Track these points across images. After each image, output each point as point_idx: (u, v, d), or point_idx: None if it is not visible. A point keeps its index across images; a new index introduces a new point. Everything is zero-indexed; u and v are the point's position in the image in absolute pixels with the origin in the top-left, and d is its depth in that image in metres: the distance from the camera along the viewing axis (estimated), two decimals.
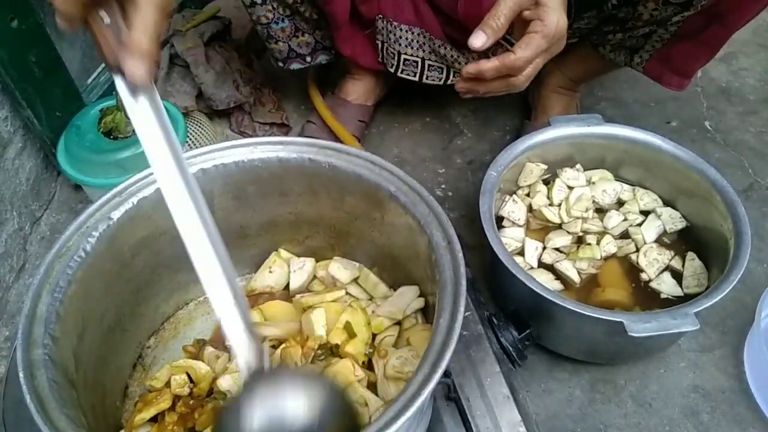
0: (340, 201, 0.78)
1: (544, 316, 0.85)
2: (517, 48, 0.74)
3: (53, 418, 0.54)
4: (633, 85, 1.39)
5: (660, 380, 0.93)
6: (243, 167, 0.75)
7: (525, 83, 0.78)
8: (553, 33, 0.73)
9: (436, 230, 0.67)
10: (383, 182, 0.72)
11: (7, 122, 1.04)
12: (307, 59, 1.18)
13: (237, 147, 0.76)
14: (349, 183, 0.74)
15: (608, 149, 1.03)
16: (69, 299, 0.64)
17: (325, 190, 0.78)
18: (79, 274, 0.66)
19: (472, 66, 0.76)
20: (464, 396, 0.73)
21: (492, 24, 0.73)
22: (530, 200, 1.02)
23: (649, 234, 0.97)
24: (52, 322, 0.61)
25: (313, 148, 0.75)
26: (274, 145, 0.75)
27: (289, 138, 0.76)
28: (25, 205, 1.09)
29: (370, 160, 0.73)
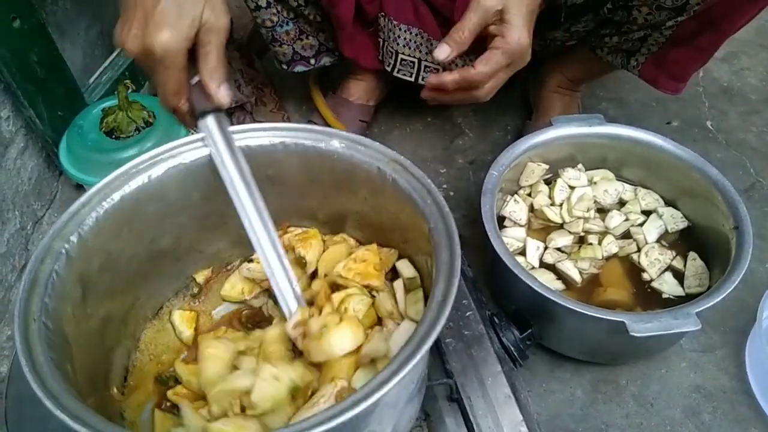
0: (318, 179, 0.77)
1: (546, 315, 0.85)
2: (478, 63, 0.75)
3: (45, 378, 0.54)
4: (635, 85, 1.38)
5: (661, 380, 0.93)
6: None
7: (487, 96, 0.80)
8: (513, 50, 0.74)
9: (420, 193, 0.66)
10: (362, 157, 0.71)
11: (9, 122, 1.04)
12: (311, 62, 1.18)
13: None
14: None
15: (610, 149, 1.03)
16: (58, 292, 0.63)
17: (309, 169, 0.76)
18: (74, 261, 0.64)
19: (434, 77, 0.79)
20: (466, 396, 0.73)
21: (455, 37, 0.75)
22: (532, 200, 1.02)
23: (650, 234, 0.97)
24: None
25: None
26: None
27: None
28: (27, 204, 1.09)
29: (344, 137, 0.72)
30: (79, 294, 0.64)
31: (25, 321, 0.57)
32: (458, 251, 0.57)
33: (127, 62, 1.28)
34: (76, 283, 0.64)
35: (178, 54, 0.61)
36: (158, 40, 0.59)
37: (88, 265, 0.65)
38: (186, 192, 0.71)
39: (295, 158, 0.72)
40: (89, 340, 0.67)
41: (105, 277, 0.68)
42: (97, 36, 1.34)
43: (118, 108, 1.00)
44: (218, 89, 0.64)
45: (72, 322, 0.63)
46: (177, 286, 0.82)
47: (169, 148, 0.69)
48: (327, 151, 0.70)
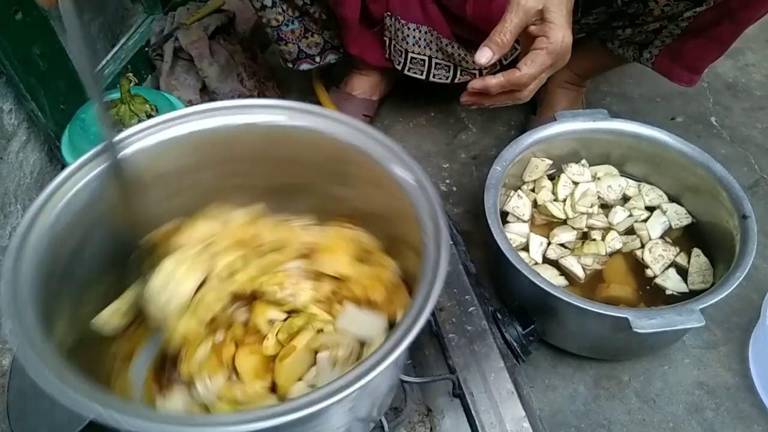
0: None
1: (549, 311, 0.85)
2: (522, 65, 0.74)
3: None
4: (639, 81, 1.38)
5: (664, 377, 0.92)
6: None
7: (528, 97, 0.79)
8: (558, 50, 0.73)
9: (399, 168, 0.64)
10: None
11: (12, 115, 1.04)
12: (316, 59, 1.18)
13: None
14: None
15: (614, 145, 1.02)
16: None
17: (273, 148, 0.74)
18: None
19: (477, 82, 0.77)
20: (468, 391, 0.73)
21: (497, 40, 0.73)
22: (535, 195, 1.02)
23: (654, 230, 0.97)
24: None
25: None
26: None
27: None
28: (29, 198, 1.09)
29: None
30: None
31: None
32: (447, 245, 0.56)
33: (129, 56, 1.27)
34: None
35: None
36: None
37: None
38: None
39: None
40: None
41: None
42: (98, 29, 1.33)
43: (121, 101, 0.99)
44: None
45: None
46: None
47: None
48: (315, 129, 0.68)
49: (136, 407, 0.48)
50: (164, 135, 0.68)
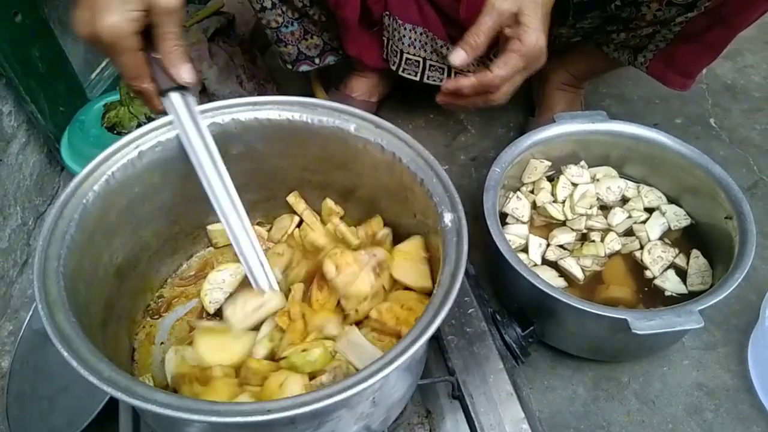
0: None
1: (548, 313, 0.85)
2: (494, 67, 0.74)
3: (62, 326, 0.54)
4: (637, 82, 1.38)
5: (663, 378, 0.92)
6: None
7: (503, 99, 0.79)
8: (530, 53, 0.73)
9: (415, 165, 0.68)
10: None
11: (11, 117, 1.04)
12: (315, 61, 1.18)
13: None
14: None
15: (613, 146, 1.02)
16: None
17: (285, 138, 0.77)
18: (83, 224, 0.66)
19: (450, 82, 0.77)
20: (468, 393, 0.73)
21: (471, 42, 0.74)
22: (534, 197, 1.02)
23: (653, 231, 0.97)
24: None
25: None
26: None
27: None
28: (29, 200, 1.09)
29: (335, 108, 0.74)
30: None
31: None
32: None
33: None
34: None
35: (126, 37, 0.60)
36: (104, 25, 0.58)
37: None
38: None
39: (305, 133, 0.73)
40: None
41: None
42: None
43: (120, 103, 0.99)
44: (178, 69, 0.63)
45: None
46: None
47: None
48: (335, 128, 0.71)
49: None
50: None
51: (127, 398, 0.48)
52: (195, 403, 0.48)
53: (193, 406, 0.47)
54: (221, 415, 0.47)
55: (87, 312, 0.61)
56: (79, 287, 0.61)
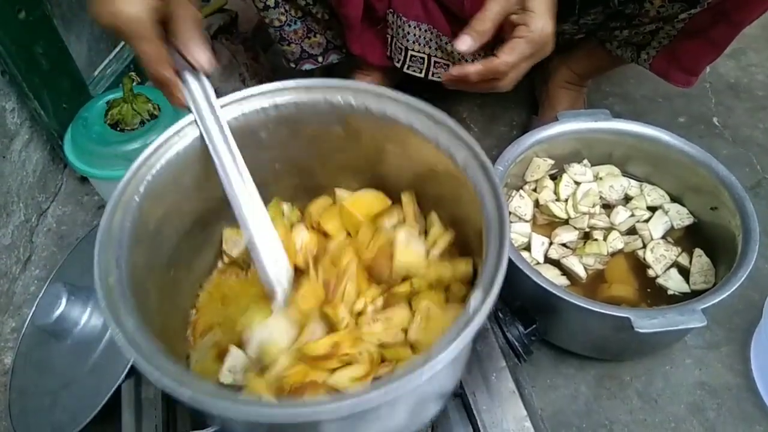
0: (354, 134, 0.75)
1: (551, 311, 0.85)
2: (501, 53, 0.74)
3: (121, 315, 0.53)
4: (641, 81, 1.38)
5: (666, 377, 0.92)
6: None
7: (509, 86, 0.79)
8: (537, 39, 0.73)
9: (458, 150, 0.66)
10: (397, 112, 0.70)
11: (14, 114, 1.04)
12: (319, 59, 1.18)
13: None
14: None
15: (616, 145, 1.02)
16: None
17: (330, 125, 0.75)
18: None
19: (456, 69, 0.77)
20: (470, 391, 0.73)
21: (477, 28, 0.73)
22: (537, 195, 1.02)
23: (656, 230, 0.97)
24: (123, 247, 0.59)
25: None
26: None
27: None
28: (32, 197, 1.10)
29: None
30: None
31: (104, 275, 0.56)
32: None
33: (131, 55, 1.28)
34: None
35: (145, 25, 0.59)
36: (123, 15, 0.58)
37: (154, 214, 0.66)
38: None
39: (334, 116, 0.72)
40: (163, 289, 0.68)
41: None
42: (101, 29, 1.33)
43: (123, 100, 0.99)
44: (194, 54, 0.63)
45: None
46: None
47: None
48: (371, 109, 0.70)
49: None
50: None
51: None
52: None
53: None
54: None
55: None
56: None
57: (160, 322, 0.64)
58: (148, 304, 0.63)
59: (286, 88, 0.71)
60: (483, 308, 0.51)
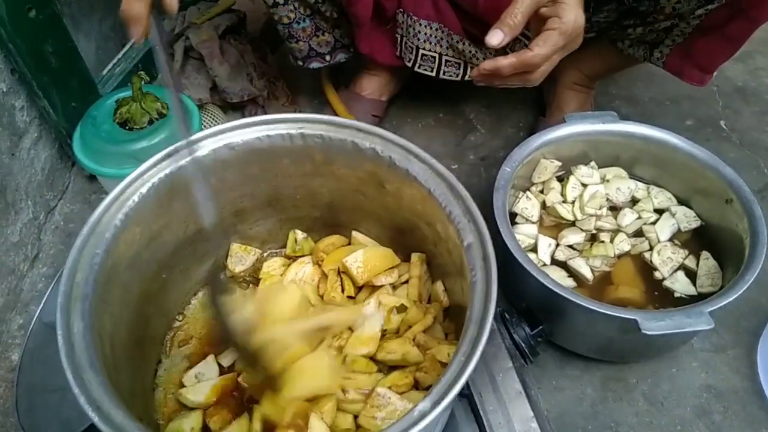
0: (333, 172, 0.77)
1: (557, 312, 0.85)
2: (534, 45, 0.73)
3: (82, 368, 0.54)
4: (648, 84, 1.38)
5: (672, 379, 0.92)
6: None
7: (540, 79, 0.78)
8: (570, 30, 0.73)
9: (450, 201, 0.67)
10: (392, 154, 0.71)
11: (24, 112, 1.05)
12: (326, 58, 1.18)
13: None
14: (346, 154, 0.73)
15: (623, 147, 1.02)
16: (104, 270, 0.63)
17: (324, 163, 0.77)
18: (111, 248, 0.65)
19: (489, 63, 0.76)
20: (476, 391, 0.73)
21: (509, 22, 0.73)
22: (544, 197, 1.02)
23: (663, 232, 0.97)
24: (88, 293, 0.60)
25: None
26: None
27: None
28: (40, 194, 1.10)
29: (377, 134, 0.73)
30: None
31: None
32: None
33: (140, 54, 1.28)
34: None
35: None
36: None
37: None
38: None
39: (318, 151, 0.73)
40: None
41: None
42: (110, 28, 1.34)
43: (132, 99, 1.00)
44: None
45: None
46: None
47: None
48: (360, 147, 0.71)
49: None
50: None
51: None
52: None
53: None
54: None
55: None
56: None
57: (139, 323, 0.65)
58: (128, 304, 0.63)
59: (316, 121, 0.72)
60: (427, 417, 0.50)
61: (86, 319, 0.56)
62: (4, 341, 0.98)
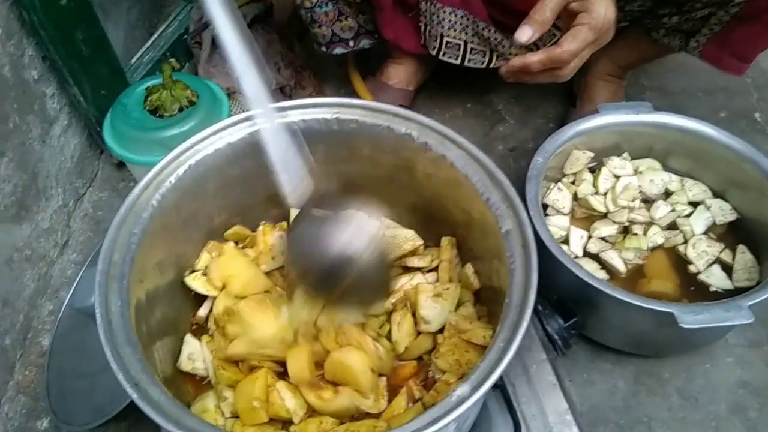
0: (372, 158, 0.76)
1: (590, 305, 0.84)
2: (564, 41, 0.72)
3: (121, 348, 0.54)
4: (680, 75, 1.35)
5: (706, 375, 0.91)
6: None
7: (570, 75, 0.77)
8: (600, 25, 0.71)
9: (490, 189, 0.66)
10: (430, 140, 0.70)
11: (54, 99, 1.05)
12: (349, 44, 1.18)
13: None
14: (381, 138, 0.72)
15: (657, 138, 1.00)
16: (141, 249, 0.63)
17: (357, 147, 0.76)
18: (149, 226, 0.64)
19: (518, 60, 0.75)
20: (509, 383, 0.72)
21: (537, 18, 0.72)
22: (575, 188, 1.00)
23: (697, 225, 0.95)
24: (125, 272, 0.60)
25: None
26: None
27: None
28: (70, 182, 1.10)
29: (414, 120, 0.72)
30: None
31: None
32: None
33: (168, 43, 1.28)
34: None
35: None
36: None
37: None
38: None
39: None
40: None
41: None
42: (138, 17, 1.34)
43: (162, 86, 0.99)
44: None
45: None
46: None
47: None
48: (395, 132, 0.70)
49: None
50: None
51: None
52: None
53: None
54: None
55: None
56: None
57: (173, 304, 0.64)
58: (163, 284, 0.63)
59: (352, 105, 0.71)
60: (466, 402, 0.49)
61: (123, 297, 0.56)
62: (35, 327, 0.98)
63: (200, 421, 0.49)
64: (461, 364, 0.64)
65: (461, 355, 0.64)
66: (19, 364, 0.95)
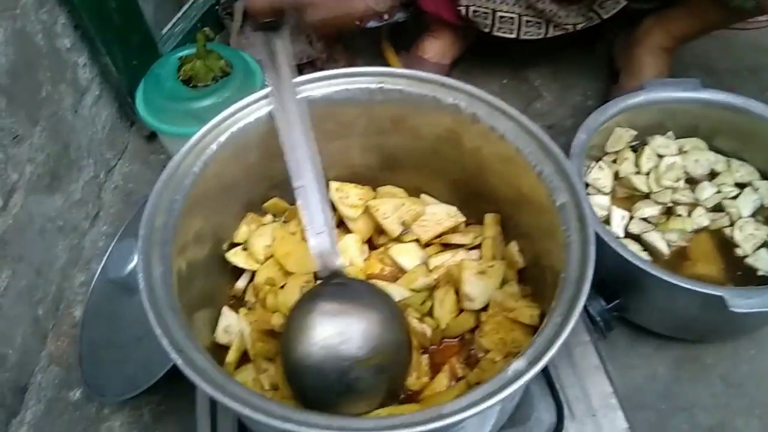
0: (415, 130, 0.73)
1: (633, 287, 0.81)
2: None
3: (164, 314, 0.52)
4: (725, 53, 1.30)
5: (752, 361, 0.88)
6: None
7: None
8: None
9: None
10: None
11: (86, 69, 1.04)
12: (384, 17, 1.14)
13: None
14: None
15: (703, 117, 0.97)
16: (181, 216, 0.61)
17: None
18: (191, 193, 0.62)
19: None
20: (552, 364, 0.70)
21: None
22: (617, 167, 0.97)
23: (745, 208, 0.91)
24: (168, 238, 0.58)
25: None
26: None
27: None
28: (101, 153, 1.10)
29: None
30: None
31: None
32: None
33: (200, 14, 1.26)
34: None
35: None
36: None
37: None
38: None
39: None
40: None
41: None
42: None
43: (196, 56, 0.98)
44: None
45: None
46: None
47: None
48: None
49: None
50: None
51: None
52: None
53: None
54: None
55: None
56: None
57: (211, 274, 0.64)
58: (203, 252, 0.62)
59: (396, 75, 0.68)
60: (523, 377, 0.47)
61: (167, 264, 0.54)
62: (67, 297, 0.98)
63: (245, 389, 0.47)
64: (506, 343, 0.62)
65: (506, 334, 0.62)
66: (52, 334, 0.94)
